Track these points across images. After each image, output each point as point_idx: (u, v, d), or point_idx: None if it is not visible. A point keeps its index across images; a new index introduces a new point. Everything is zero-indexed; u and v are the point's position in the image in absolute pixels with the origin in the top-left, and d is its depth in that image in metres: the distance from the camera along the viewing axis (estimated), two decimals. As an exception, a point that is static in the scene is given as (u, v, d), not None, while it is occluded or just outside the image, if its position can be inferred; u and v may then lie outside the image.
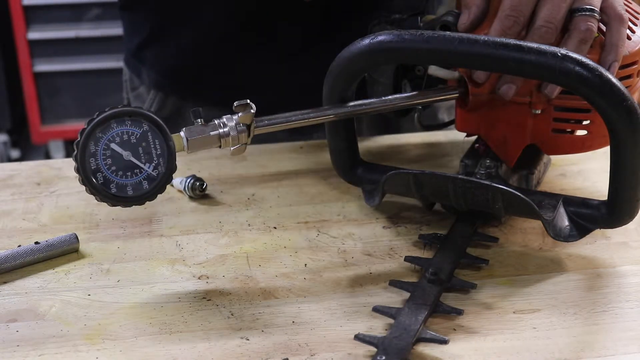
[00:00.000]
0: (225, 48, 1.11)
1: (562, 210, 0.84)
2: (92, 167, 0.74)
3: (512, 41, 0.77)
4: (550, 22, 0.83)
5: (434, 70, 0.91)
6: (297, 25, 1.08)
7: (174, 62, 1.15)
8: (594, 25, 0.83)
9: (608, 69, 0.82)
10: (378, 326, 0.74)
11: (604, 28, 0.85)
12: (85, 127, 0.75)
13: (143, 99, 1.19)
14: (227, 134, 0.78)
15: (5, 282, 0.81)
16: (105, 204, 0.76)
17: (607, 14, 0.85)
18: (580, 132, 0.89)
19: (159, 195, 0.77)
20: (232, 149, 0.79)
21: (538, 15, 0.83)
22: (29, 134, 3.00)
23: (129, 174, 0.75)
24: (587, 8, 0.83)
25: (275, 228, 0.90)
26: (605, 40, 0.84)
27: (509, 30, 0.83)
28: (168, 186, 0.80)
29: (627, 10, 0.89)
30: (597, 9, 0.84)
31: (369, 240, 0.88)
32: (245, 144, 0.80)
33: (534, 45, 0.77)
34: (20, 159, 3.04)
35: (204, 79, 1.14)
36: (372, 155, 1.03)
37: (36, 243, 0.84)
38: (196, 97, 1.14)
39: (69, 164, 0.87)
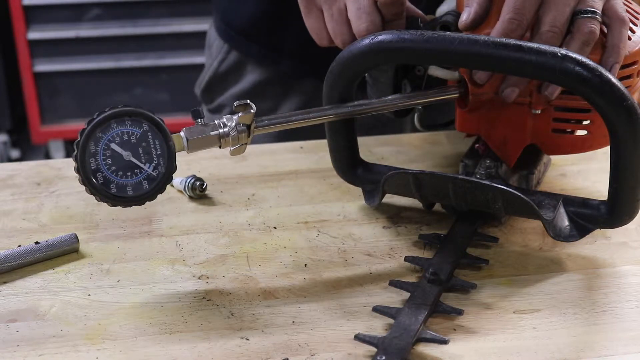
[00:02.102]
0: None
1: (562, 210, 0.84)
2: (92, 167, 0.74)
3: (512, 41, 0.77)
4: (555, 27, 0.83)
5: (434, 70, 0.91)
6: None
7: (236, 11, 1.21)
8: (596, 27, 0.83)
9: (609, 70, 0.82)
10: (378, 326, 0.74)
11: (604, 29, 0.85)
12: (85, 127, 0.75)
13: (214, 55, 1.26)
14: (227, 134, 0.78)
15: (5, 282, 0.81)
16: (105, 204, 0.76)
17: (608, 16, 0.85)
18: (580, 132, 0.89)
19: (159, 195, 0.77)
20: (232, 149, 0.79)
21: (542, 19, 0.83)
22: (29, 134, 2.99)
23: (129, 174, 0.75)
24: (589, 10, 0.83)
25: (275, 228, 0.90)
26: (606, 41, 0.84)
27: (511, 33, 0.83)
28: (168, 186, 0.80)
29: (627, 11, 0.89)
30: (599, 11, 0.84)
31: (369, 240, 0.88)
32: (245, 144, 0.80)
33: (534, 45, 0.77)
34: (20, 159, 3.04)
35: (268, 34, 1.19)
36: (372, 155, 1.03)
37: (36, 243, 0.84)
38: (256, 54, 1.21)
39: (69, 164, 0.87)
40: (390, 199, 0.92)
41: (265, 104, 1.20)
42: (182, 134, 0.78)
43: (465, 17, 0.86)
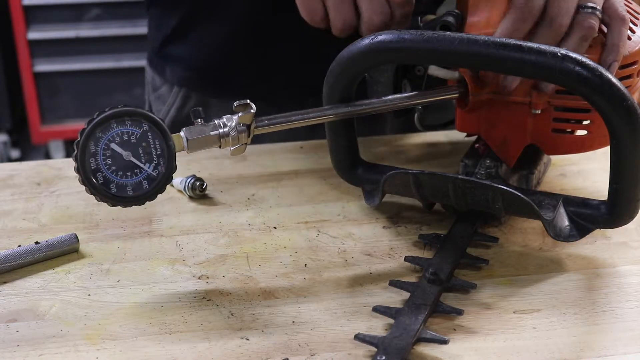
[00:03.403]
0: (255, 38, 1.11)
1: (562, 210, 0.84)
2: (92, 167, 0.74)
3: (512, 41, 0.77)
4: (562, 16, 0.83)
5: (434, 70, 0.91)
6: None
7: (201, 56, 1.15)
8: (595, 23, 0.83)
9: (608, 69, 0.82)
10: (378, 326, 0.74)
11: (604, 28, 0.85)
12: (85, 127, 0.75)
13: (164, 100, 1.19)
14: (227, 134, 0.78)
15: (5, 282, 0.81)
16: (105, 204, 0.76)
17: (608, 14, 0.85)
18: (580, 132, 0.89)
19: (159, 195, 0.77)
20: (232, 149, 0.79)
21: (549, 11, 0.83)
22: (29, 134, 3.00)
23: (129, 174, 0.75)
24: (589, 6, 0.84)
25: (275, 228, 0.90)
26: (606, 40, 0.84)
27: (521, 24, 0.83)
28: (168, 186, 0.80)
29: (627, 11, 0.89)
30: (600, 8, 0.84)
31: (369, 240, 0.88)
32: (245, 144, 0.80)
33: (534, 45, 0.77)
34: (20, 159, 3.04)
35: (232, 72, 1.14)
36: (372, 155, 1.03)
37: (36, 243, 0.84)
38: (222, 91, 1.14)
39: (69, 164, 0.87)
40: (390, 199, 0.92)
41: None
42: (182, 134, 0.78)
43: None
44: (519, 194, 0.81)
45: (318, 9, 0.92)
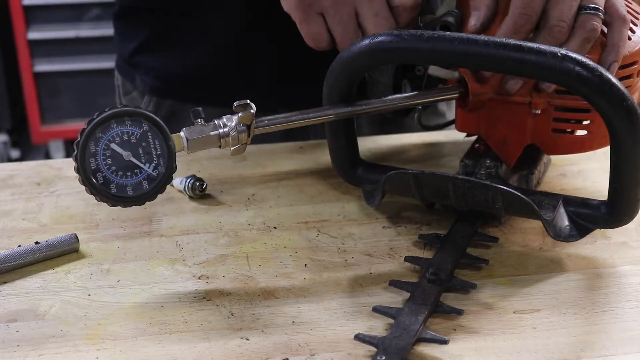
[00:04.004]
0: (227, 52, 1.11)
1: (562, 210, 0.84)
2: (92, 167, 0.74)
3: (512, 41, 0.77)
4: (562, 21, 0.82)
5: (434, 70, 0.91)
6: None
7: (171, 67, 1.14)
8: (598, 24, 0.83)
9: (608, 69, 0.82)
10: (378, 326, 0.74)
11: (605, 29, 0.85)
12: (85, 127, 0.75)
13: (137, 103, 1.18)
14: (227, 134, 0.78)
15: (5, 282, 0.81)
16: (105, 204, 0.76)
17: (609, 14, 0.85)
18: (580, 132, 0.89)
19: (159, 195, 0.77)
20: (232, 149, 0.79)
21: (550, 14, 0.83)
22: (29, 134, 3.00)
23: (129, 174, 0.75)
24: (592, 7, 0.83)
25: (275, 228, 0.90)
26: (606, 40, 0.84)
27: (521, 28, 0.83)
28: (168, 186, 0.80)
29: (627, 11, 0.89)
30: (602, 8, 0.84)
31: (369, 240, 0.88)
32: (245, 144, 0.80)
33: (534, 45, 0.77)
34: (20, 159, 3.05)
35: (203, 82, 1.13)
36: (372, 155, 1.03)
37: (36, 243, 0.84)
38: (194, 99, 1.12)
39: (69, 164, 0.87)
40: (390, 199, 0.92)
41: None
42: (182, 134, 0.78)
43: (474, 21, 0.86)
44: (519, 194, 0.81)
45: (322, 34, 0.92)
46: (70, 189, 0.97)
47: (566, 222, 0.84)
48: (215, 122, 0.79)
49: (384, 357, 0.68)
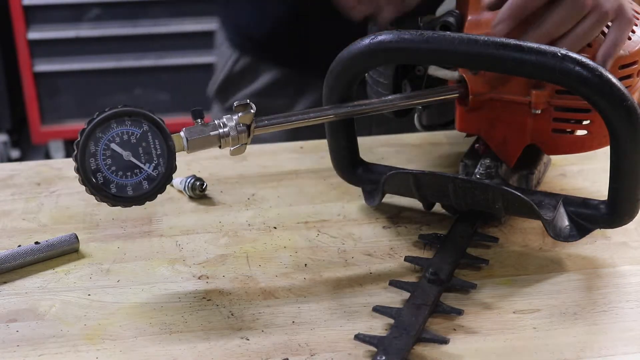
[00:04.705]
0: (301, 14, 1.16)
1: (562, 210, 0.84)
2: (92, 167, 0.74)
3: (512, 41, 0.77)
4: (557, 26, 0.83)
5: (434, 70, 0.91)
6: None
7: (249, 24, 1.23)
8: (609, 10, 0.83)
9: (603, 64, 0.82)
10: (378, 326, 0.74)
11: (606, 30, 0.85)
12: (85, 127, 0.75)
13: (223, 56, 1.28)
14: (227, 134, 0.78)
15: (5, 282, 0.81)
16: (105, 204, 0.76)
17: (616, 14, 0.85)
18: (580, 132, 0.89)
19: (159, 195, 0.77)
20: (232, 149, 0.79)
21: (548, 16, 0.83)
22: (29, 134, 2.99)
23: (129, 174, 0.75)
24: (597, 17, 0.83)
25: (275, 228, 0.90)
26: (606, 36, 0.84)
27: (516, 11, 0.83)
28: (168, 186, 0.80)
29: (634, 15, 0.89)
30: (607, 18, 0.83)
31: (369, 240, 0.88)
32: (245, 144, 0.80)
33: (534, 45, 0.77)
34: (20, 159, 3.04)
35: (281, 41, 1.20)
36: (372, 155, 1.03)
37: (36, 243, 0.85)
38: (268, 58, 1.23)
39: (69, 164, 0.87)
40: (390, 199, 0.92)
41: (280, 101, 1.21)
42: (182, 134, 0.78)
43: None
44: (519, 194, 0.81)
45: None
46: (70, 189, 0.97)
47: (566, 222, 0.84)
48: (215, 122, 0.78)
49: (384, 357, 0.68)
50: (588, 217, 0.83)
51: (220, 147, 0.79)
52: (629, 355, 0.71)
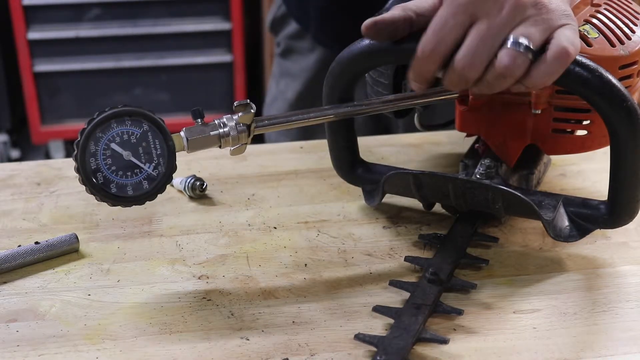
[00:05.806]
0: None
1: (562, 210, 0.84)
2: (92, 167, 0.74)
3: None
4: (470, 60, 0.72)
5: (434, 70, 0.91)
6: None
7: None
8: (521, 63, 0.71)
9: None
10: (378, 326, 0.74)
11: (605, 30, 0.84)
12: (85, 127, 0.75)
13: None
14: (227, 134, 0.78)
15: (5, 282, 0.81)
16: (105, 204, 0.76)
17: (549, 46, 0.72)
18: (580, 132, 0.89)
19: (159, 195, 0.77)
20: (232, 149, 0.79)
21: (458, 51, 0.73)
22: (29, 134, 3.00)
23: (129, 173, 0.75)
24: (516, 42, 0.72)
25: (275, 228, 0.90)
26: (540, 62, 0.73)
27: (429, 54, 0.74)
28: (168, 186, 0.80)
29: (627, 10, 0.89)
30: (530, 43, 0.72)
31: (369, 240, 0.88)
32: (245, 144, 0.80)
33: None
34: (20, 159, 3.04)
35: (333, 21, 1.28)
36: (372, 155, 1.03)
37: (36, 243, 0.85)
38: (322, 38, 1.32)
39: (69, 164, 0.87)
40: (390, 199, 0.92)
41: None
42: (182, 133, 0.77)
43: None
44: (519, 194, 0.81)
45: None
46: (70, 189, 0.97)
47: (566, 223, 0.84)
48: (215, 122, 0.78)
49: (384, 357, 0.68)
50: (588, 217, 0.83)
51: (220, 147, 0.79)
52: (629, 355, 0.71)
